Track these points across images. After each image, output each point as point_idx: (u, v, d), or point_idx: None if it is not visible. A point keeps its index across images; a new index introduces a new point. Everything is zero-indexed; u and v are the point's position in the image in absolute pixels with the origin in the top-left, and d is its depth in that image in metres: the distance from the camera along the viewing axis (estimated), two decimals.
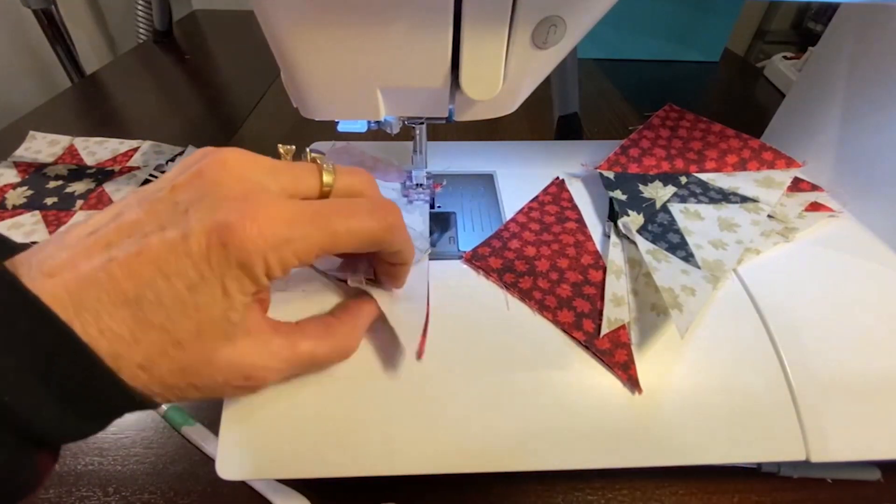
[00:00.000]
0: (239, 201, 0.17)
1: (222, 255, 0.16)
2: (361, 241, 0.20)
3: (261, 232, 0.16)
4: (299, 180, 0.20)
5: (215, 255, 0.16)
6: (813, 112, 0.37)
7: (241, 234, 0.16)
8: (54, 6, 0.74)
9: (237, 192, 0.17)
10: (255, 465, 0.22)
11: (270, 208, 0.17)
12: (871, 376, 0.25)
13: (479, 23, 0.20)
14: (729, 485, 0.27)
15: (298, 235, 0.17)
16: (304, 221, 0.18)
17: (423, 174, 0.33)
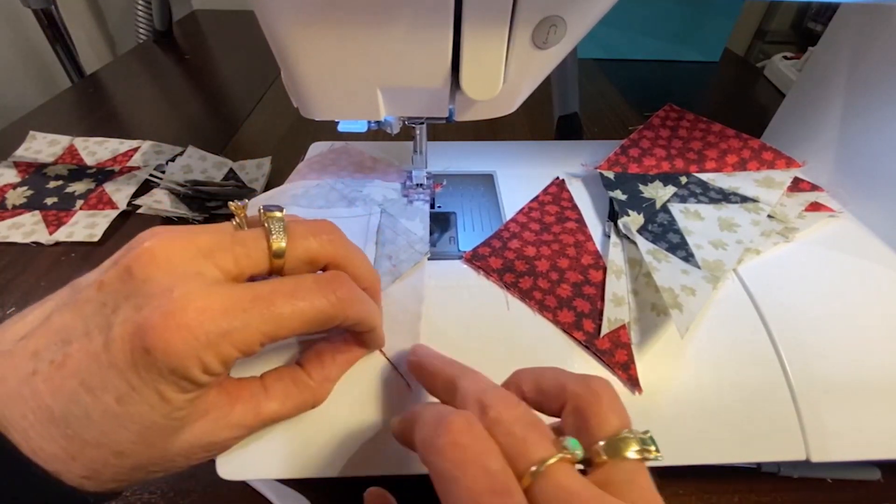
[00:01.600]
0: (164, 298, 0.15)
1: (148, 361, 0.15)
2: (310, 322, 0.18)
3: (190, 331, 0.15)
4: (243, 257, 0.17)
5: (141, 363, 0.15)
6: (813, 112, 0.37)
7: (166, 337, 0.15)
8: (54, 6, 0.74)
9: (164, 286, 0.15)
10: (255, 465, 0.22)
11: (200, 301, 0.15)
12: (871, 376, 0.25)
13: (480, 23, 0.20)
14: (729, 485, 0.27)
15: (236, 326, 0.16)
16: (242, 309, 0.16)
17: (423, 174, 0.33)
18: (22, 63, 0.88)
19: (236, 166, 0.49)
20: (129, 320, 0.15)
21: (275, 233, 0.18)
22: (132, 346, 0.15)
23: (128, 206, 0.44)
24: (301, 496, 0.26)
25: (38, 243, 0.40)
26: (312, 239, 0.19)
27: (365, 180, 0.35)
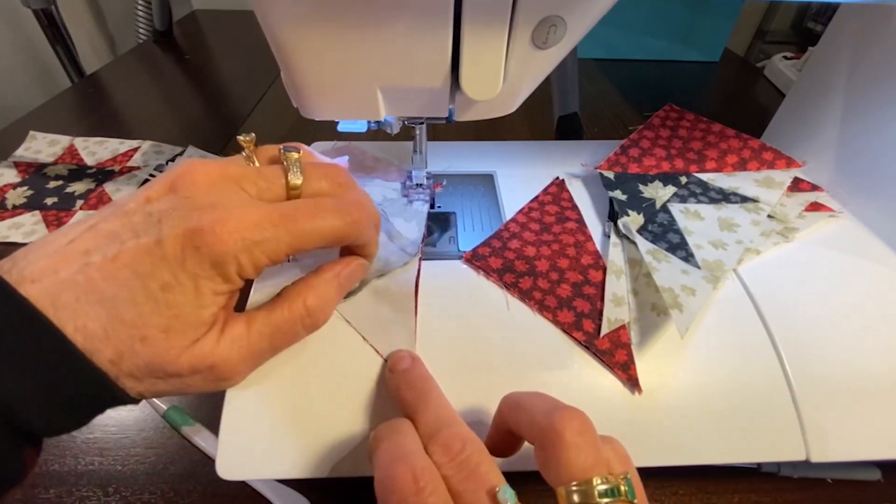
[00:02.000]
0: (209, 210, 0.18)
1: (196, 257, 0.17)
2: (327, 238, 0.20)
3: (231, 235, 0.18)
4: (265, 187, 0.20)
5: (190, 258, 0.17)
6: (813, 112, 0.37)
7: (213, 238, 0.17)
8: (54, 6, 0.74)
9: (207, 202, 0.18)
10: (255, 465, 0.22)
11: (238, 213, 0.18)
12: (871, 376, 0.25)
13: (479, 23, 0.20)
14: (729, 485, 0.27)
15: (267, 237, 0.18)
16: (272, 223, 0.19)
17: (423, 174, 0.33)
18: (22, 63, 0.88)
19: None
20: (179, 225, 0.18)
21: (292, 170, 0.21)
22: (182, 244, 0.17)
23: None
24: (301, 496, 0.26)
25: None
26: (325, 181, 0.22)
27: (365, 179, 0.35)
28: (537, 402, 0.18)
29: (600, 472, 0.16)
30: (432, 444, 0.18)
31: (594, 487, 0.15)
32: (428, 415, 0.20)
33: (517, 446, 0.21)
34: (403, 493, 0.16)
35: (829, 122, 0.36)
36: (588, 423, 0.17)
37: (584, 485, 0.15)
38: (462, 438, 0.18)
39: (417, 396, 0.21)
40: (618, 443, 0.18)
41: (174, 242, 0.17)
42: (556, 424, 0.16)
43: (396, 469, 0.17)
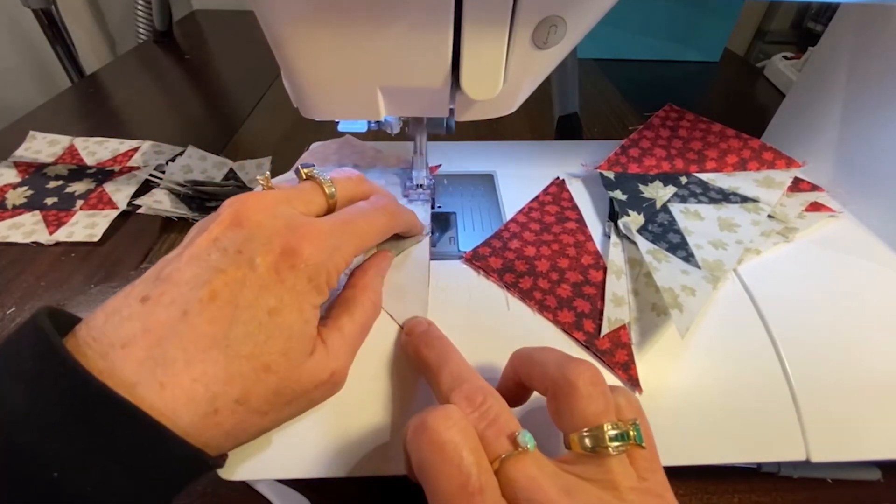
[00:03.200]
0: (288, 231, 0.19)
1: (293, 276, 0.18)
2: (381, 234, 0.23)
3: (318, 248, 0.19)
4: (310, 202, 0.22)
5: (289, 278, 0.18)
6: (813, 112, 0.37)
7: (304, 254, 0.19)
8: (54, 6, 0.74)
9: (279, 226, 0.19)
10: (255, 465, 0.22)
11: (312, 229, 0.20)
12: (871, 376, 0.25)
13: (480, 23, 0.20)
14: (729, 485, 0.27)
15: (339, 242, 0.20)
16: (340, 230, 0.20)
17: (423, 174, 0.33)
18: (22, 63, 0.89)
19: (236, 166, 0.49)
20: (267, 250, 0.18)
21: (324, 182, 0.23)
22: (277, 266, 0.18)
23: (128, 206, 0.44)
24: (301, 496, 0.26)
25: (38, 243, 0.40)
26: (349, 182, 0.24)
27: (367, 169, 0.36)
28: (548, 356, 0.19)
29: (610, 418, 0.17)
30: (455, 397, 0.18)
31: (605, 433, 0.16)
32: (449, 370, 0.20)
33: (525, 398, 0.22)
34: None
35: (829, 122, 0.36)
36: (598, 374, 0.18)
37: (595, 430, 0.16)
38: (483, 391, 0.18)
39: (437, 355, 0.21)
40: (630, 393, 0.19)
41: (268, 267, 0.18)
42: (568, 375, 0.17)
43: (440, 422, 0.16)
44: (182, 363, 0.16)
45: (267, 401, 0.18)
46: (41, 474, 0.14)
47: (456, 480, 0.15)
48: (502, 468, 0.16)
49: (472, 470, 0.15)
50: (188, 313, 0.17)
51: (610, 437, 0.16)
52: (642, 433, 0.17)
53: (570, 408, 0.17)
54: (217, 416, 0.17)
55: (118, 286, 0.37)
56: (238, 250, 0.18)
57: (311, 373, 0.19)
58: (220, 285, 0.17)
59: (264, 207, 0.19)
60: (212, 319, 0.17)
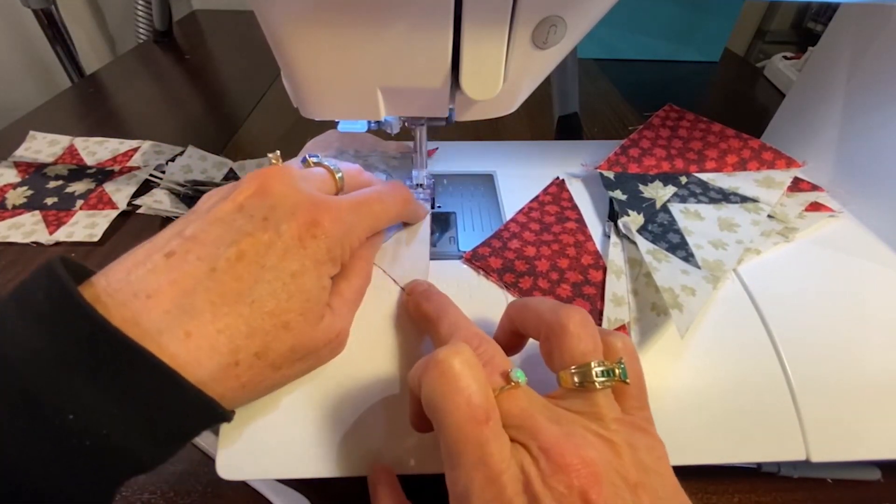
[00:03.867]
0: (310, 204, 0.20)
1: (315, 245, 0.20)
2: (392, 217, 0.25)
3: (335, 223, 0.21)
4: (323, 183, 0.24)
5: (311, 246, 0.20)
6: (813, 112, 0.37)
7: (326, 227, 0.20)
8: (54, 6, 0.74)
9: (301, 198, 0.21)
10: (255, 465, 0.22)
11: (332, 204, 0.21)
12: (871, 376, 0.25)
13: (480, 23, 0.20)
14: (729, 485, 0.27)
15: (356, 220, 0.22)
16: (355, 210, 0.22)
17: (423, 174, 0.33)
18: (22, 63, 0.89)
19: (236, 166, 0.49)
20: (292, 219, 0.20)
21: (333, 168, 0.24)
22: (301, 234, 0.19)
23: (128, 206, 0.44)
24: (301, 496, 0.26)
25: (38, 243, 0.40)
26: (354, 171, 0.26)
27: (368, 153, 0.38)
28: (543, 303, 0.20)
29: (598, 357, 0.18)
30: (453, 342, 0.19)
31: (592, 369, 0.17)
32: (448, 321, 0.22)
33: (520, 346, 0.23)
34: None
35: (829, 122, 0.36)
36: (589, 317, 0.19)
37: (583, 367, 0.18)
38: (479, 336, 0.20)
39: (437, 308, 0.23)
40: (627, 338, 0.20)
41: (292, 234, 0.19)
42: (561, 318, 0.18)
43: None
44: (209, 315, 0.17)
45: (282, 356, 0.19)
46: (56, 416, 0.14)
47: (465, 410, 0.16)
48: (496, 401, 0.17)
49: (480, 400, 0.16)
50: (216, 269, 0.18)
51: (596, 373, 0.17)
52: (631, 374, 0.18)
53: (560, 347, 0.18)
54: (237, 369, 0.18)
55: None
56: (264, 217, 0.19)
57: (322, 332, 0.20)
58: (248, 246, 0.18)
59: (288, 181, 0.21)
60: (238, 277, 0.18)
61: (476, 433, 0.16)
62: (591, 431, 0.17)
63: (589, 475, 0.15)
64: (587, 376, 0.17)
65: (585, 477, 0.15)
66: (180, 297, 0.17)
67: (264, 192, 0.20)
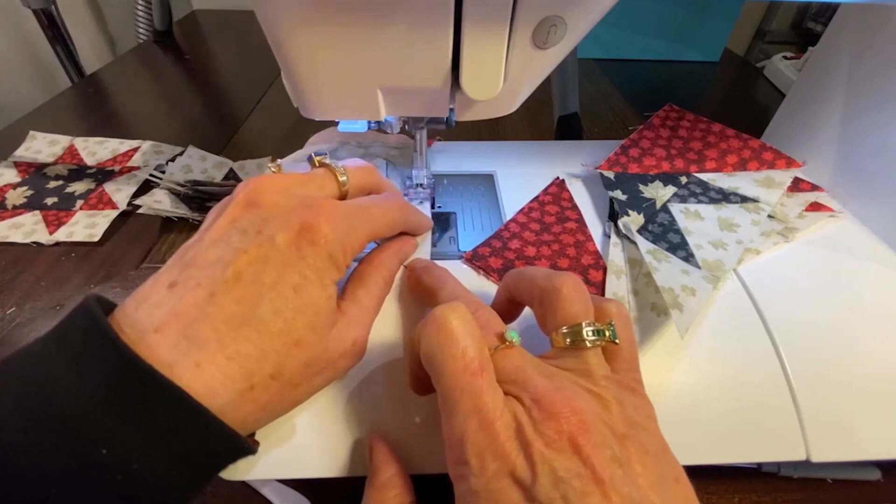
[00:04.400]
0: (304, 209, 0.19)
1: (314, 252, 0.19)
2: (393, 226, 0.24)
3: (334, 226, 0.20)
4: (322, 187, 0.22)
5: (309, 254, 0.19)
6: (813, 112, 0.37)
7: (323, 231, 0.19)
8: (54, 6, 0.74)
9: (295, 204, 0.20)
10: (255, 465, 0.22)
11: (329, 206, 0.20)
12: (871, 376, 0.25)
13: (480, 23, 0.20)
14: (729, 485, 0.27)
15: (355, 224, 0.21)
16: (355, 213, 0.21)
17: (423, 174, 0.33)
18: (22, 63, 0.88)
19: (236, 166, 0.49)
20: (285, 229, 0.19)
21: (337, 169, 0.23)
22: (297, 243, 0.19)
23: (128, 206, 0.44)
24: (301, 496, 0.26)
25: (38, 243, 0.40)
26: (360, 171, 0.24)
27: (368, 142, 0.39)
28: (538, 270, 0.21)
29: (589, 318, 0.19)
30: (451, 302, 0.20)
31: (583, 329, 0.18)
32: (446, 291, 0.22)
33: (516, 314, 0.24)
34: None
35: (829, 122, 0.36)
36: (581, 283, 0.20)
37: (574, 327, 0.18)
38: (476, 303, 0.21)
39: (436, 279, 0.23)
40: (622, 306, 0.20)
41: (289, 244, 0.19)
42: (554, 282, 0.19)
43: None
44: (215, 343, 0.17)
45: (298, 373, 0.19)
46: (91, 450, 0.15)
47: (461, 361, 0.17)
48: (492, 359, 0.18)
49: (475, 353, 0.17)
50: (215, 294, 0.17)
51: (587, 332, 0.18)
52: (623, 338, 0.19)
53: (553, 310, 0.19)
54: (253, 393, 0.17)
55: (118, 286, 0.37)
56: (258, 230, 0.19)
57: (336, 343, 0.20)
58: (244, 265, 0.18)
59: (278, 188, 0.20)
60: (239, 299, 0.17)
61: (471, 383, 0.16)
62: (580, 386, 0.17)
63: (578, 422, 0.16)
64: (578, 335, 0.18)
65: (574, 424, 0.15)
66: (185, 328, 0.17)
67: (255, 203, 0.20)
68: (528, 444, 0.15)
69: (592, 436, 0.15)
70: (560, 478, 0.15)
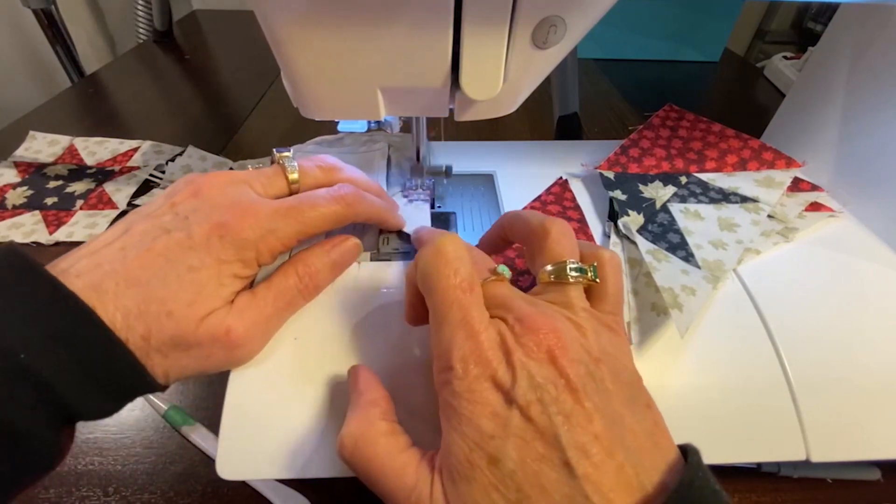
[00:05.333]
0: (229, 207, 0.22)
1: (220, 244, 0.21)
2: (330, 220, 0.24)
3: (250, 226, 0.21)
4: (269, 184, 0.24)
5: (215, 245, 0.21)
6: (813, 112, 0.37)
7: (236, 229, 0.21)
8: (54, 6, 0.74)
9: (223, 202, 0.22)
10: (255, 465, 0.22)
11: (251, 208, 0.22)
12: (871, 376, 0.25)
13: (479, 23, 0.20)
14: (729, 485, 0.27)
15: (280, 225, 0.22)
16: (282, 214, 0.22)
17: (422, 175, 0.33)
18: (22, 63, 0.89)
19: (236, 166, 0.49)
20: (206, 221, 0.21)
21: (289, 168, 0.25)
22: (209, 234, 0.21)
23: (128, 206, 0.44)
24: (301, 496, 0.26)
25: (38, 243, 0.40)
26: (317, 171, 0.26)
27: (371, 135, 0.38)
28: (533, 214, 0.22)
29: (574, 258, 0.20)
30: None
31: (566, 265, 0.20)
32: None
33: (503, 250, 0.27)
34: None
35: (829, 122, 0.36)
36: (570, 228, 0.21)
37: (559, 264, 0.20)
38: (469, 246, 0.22)
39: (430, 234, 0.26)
40: (615, 253, 0.22)
41: (202, 234, 0.21)
42: (545, 225, 0.21)
43: None
44: (112, 294, 0.19)
45: (165, 344, 0.20)
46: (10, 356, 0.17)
47: (453, 279, 0.18)
48: (482, 289, 0.19)
49: (466, 273, 0.19)
50: (127, 258, 0.20)
51: (570, 268, 0.20)
52: (611, 282, 0.21)
53: (542, 249, 0.21)
54: (128, 345, 0.19)
55: None
56: (185, 216, 0.21)
57: (209, 326, 0.21)
58: (161, 242, 0.20)
59: (218, 185, 0.23)
60: (143, 265, 0.20)
61: (460, 298, 0.18)
62: (561, 314, 0.19)
63: (556, 338, 0.17)
64: (562, 272, 0.20)
65: (553, 339, 0.17)
66: (98, 278, 0.19)
67: (196, 195, 0.22)
68: (510, 352, 0.17)
69: (569, 351, 0.17)
70: (538, 383, 0.16)
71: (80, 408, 0.18)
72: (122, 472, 0.27)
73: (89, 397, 0.18)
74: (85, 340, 0.18)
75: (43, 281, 0.18)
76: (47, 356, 0.17)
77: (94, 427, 0.29)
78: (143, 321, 0.19)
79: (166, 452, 0.28)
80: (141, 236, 0.21)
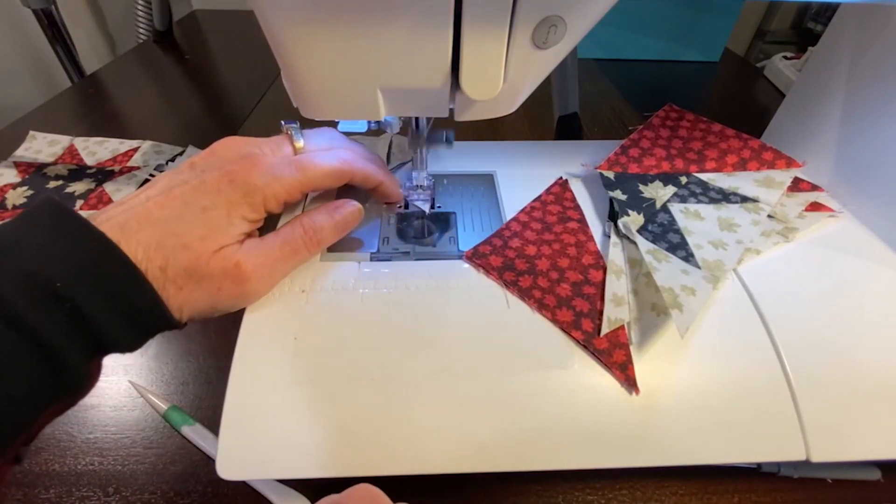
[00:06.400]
0: (238, 161, 0.25)
1: (230, 188, 0.24)
2: (329, 175, 0.26)
3: (257, 174, 0.24)
4: (276, 149, 0.27)
5: (225, 188, 0.24)
6: (813, 112, 0.37)
7: (244, 175, 0.24)
8: (54, 6, 0.74)
9: (234, 156, 0.25)
10: (255, 465, 0.22)
11: (259, 160, 0.25)
12: (871, 376, 0.25)
13: (479, 23, 0.20)
14: (729, 485, 0.27)
15: (283, 175, 0.25)
16: (283, 164, 0.25)
17: (423, 175, 0.33)
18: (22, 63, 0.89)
19: None
20: (219, 169, 0.24)
21: (295, 136, 0.27)
22: (220, 180, 0.24)
23: None
24: (301, 496, 0.26)
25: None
26: (321, 139, 0.29)
27: None
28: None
29: None
30: None
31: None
32: None
33: None
34: None
35: (829, 122, 0.36)
36: None
37: None
38: None
39: None
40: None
41: (214, 181, 0.24)
42: None
43: None
44: (134, 231, 0.21)
45: (180, 275, 0.22)
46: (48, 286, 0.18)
47: None
48: None
49: None
50: (149, 199, 0.23)
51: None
52: None
53: None
54: (147, 276, 0.21)
55: None
56: (202, 170, 0.24)
57: (220, 259, 0.23)
58: (178, 188, 0.23)
59: (232, 145, 0.26)
60: (162, 206, 0.22)
61: None
62: None
63: None
64: None
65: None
66: (123, 219, 0.22)
67: (212, 153, 0.26)
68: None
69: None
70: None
71: (107, 337, 0.20)
72: (122, 472, 0.27)
73: (116, 327, 0.20)
74: (111, 273, 0.20)
75: (77, 223, 0.20)
76: (79, 287, 0.19)
77: (93, 427, 0.29)
78: (161, 253, 0.21)
79: (166, 452, 0.28)
80: (162, 186, 0.24)
